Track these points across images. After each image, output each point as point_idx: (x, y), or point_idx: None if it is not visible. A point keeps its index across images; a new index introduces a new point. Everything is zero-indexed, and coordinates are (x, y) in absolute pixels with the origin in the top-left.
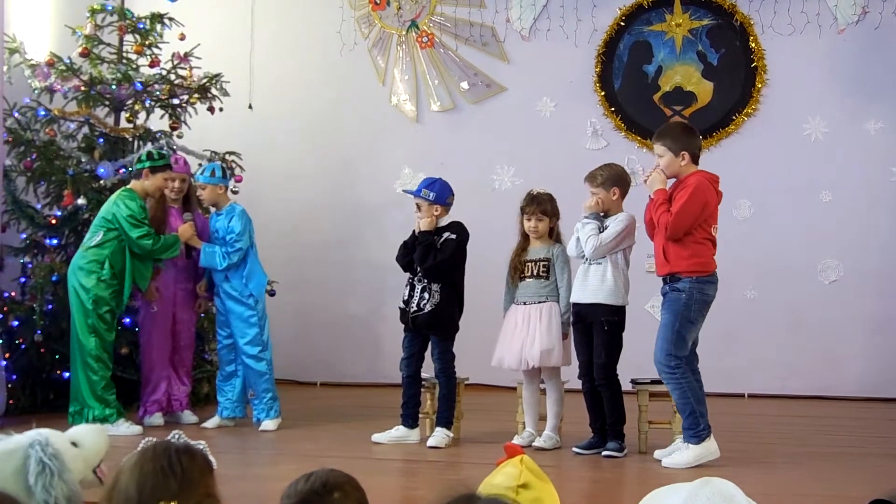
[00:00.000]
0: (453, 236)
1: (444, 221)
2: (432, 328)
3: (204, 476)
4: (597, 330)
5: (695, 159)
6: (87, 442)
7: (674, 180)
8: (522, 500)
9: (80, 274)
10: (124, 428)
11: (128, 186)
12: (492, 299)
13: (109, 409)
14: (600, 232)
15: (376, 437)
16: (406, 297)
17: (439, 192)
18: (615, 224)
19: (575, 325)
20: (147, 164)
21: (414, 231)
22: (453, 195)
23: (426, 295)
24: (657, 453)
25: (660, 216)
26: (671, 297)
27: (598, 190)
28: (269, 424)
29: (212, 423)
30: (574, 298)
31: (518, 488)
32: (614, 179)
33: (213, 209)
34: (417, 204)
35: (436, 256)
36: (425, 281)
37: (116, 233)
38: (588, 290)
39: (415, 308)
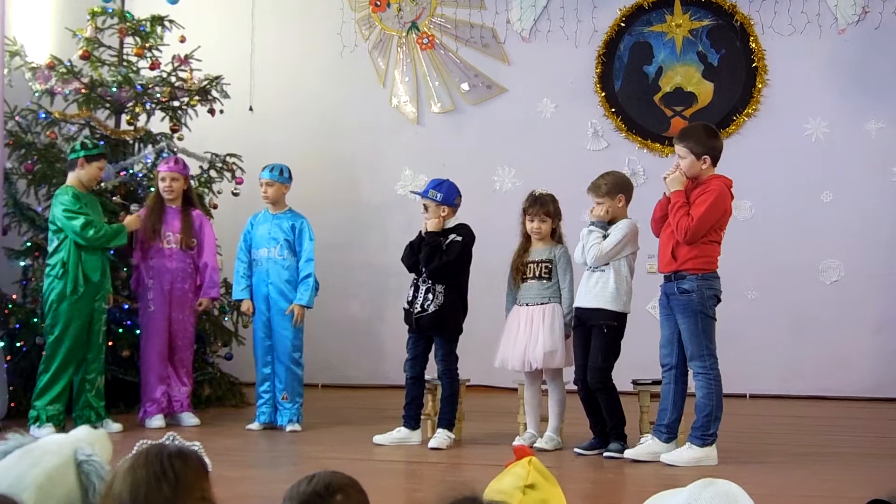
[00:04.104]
0: (459, 238)
1: (451, 223)
2: (436, 329)
3: (198, 479)
4: (596, 333)
5: (715, 162)
6: (101, 448)
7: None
8: (529, 501)
9: (46, 281)
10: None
11: (65, 184)
12: (490, 300)
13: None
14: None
15: (378, 438)
16: (410, 298)
17: (447, 194)
18: (616, 232)
19: (575, 329)
20: (81, 153)
21: (420, 232)
22: (461, 197)
23: (430, 296)
24: (662, 456)
25: (679, 219)
26: (681, 300)
27: (604, 199)
28: (298, 427)
29: (255, 426)
30: (577, 304)
31: (525, 488)
32: (619, 187)
33: (271, 208)
34: (425, 205)
35: (441, 258)
36: (430, 282)
37: (64, 233)
38: (590, 296)
39: (419, 309)
